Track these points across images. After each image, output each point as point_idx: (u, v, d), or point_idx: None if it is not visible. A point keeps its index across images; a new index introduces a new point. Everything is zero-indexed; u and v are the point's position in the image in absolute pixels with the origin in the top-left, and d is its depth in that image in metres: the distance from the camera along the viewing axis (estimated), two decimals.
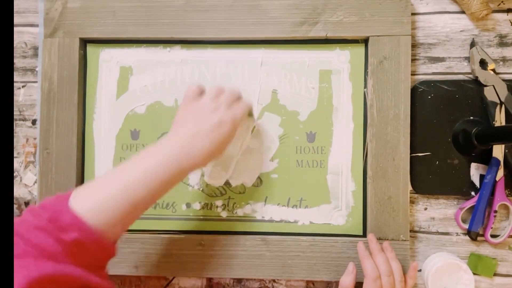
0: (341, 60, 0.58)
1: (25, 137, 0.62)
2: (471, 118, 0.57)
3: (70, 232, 0.38)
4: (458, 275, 0.54)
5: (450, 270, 0.54)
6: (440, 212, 0.58)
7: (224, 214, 0.59)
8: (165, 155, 0.45)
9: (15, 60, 0.62)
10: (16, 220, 0.40)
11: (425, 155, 0.57)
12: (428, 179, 0.57)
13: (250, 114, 0.54)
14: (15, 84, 0.62)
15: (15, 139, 0.62)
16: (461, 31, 0.59)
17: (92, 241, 0.40)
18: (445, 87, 0.57)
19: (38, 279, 0.34)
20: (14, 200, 0.61)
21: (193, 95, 0.50)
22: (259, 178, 0.59)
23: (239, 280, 0.60)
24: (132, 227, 0.57)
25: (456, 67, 0.59)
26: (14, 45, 0.62)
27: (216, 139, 0.47)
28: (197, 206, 0.59)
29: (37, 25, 0.62)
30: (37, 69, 0.62)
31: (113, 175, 0.44)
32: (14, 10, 0.62)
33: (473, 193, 0.57)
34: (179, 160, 0.45)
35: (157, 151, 0.45)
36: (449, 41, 0.59)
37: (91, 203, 0.41)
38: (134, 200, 0.43)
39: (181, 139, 0.46)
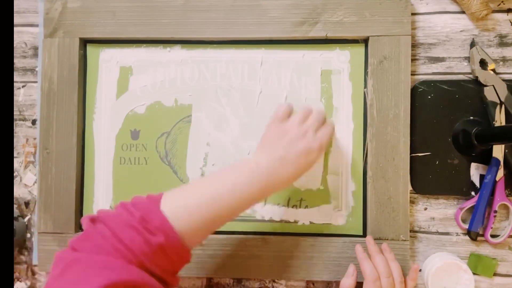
0: (341, 60, 0.59)
1: (25, 137, 0.62)
2: (471, 118, 0.57)
3: (157, 235, 0.39)
4: (458, 275, 0.54)
5: (450, 270, 0.54)
6: (440, 212, 0.58)
7: None
8: (253, 174, 0.45)
9: (15, 60, 0.62)
10: (108, 212, 0.41)
11: (425, 155, 0.57)
12: (428, 179, 0.57)
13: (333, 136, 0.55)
14: (15, 84, 0.62)
15: (15, 139, 0.62)
16: (461, 31, 0.59)
17: (175, 247, 0.40)
18: (445, 87, 0.57)
19: (118, 284, 0.34)
20: (14, 200, 0.61)
21: (282, 116, 0.50)
22: None
23: (239, 280, 0.60)
24: None
25: (456, 67, 0.59)
26: (14, 45, 0.62)
27: (301, 165, 0.47)
28: None
29: (37, 25, 0.62)
30: (37, 69, 0.62)
31: (203, 184, 0.45)
32: (14, 10, 0.62)
33: (473, 193, 0.57)
34: (265, 182, 0.46)
35: (246, 169, 0.46)
36: (449, 41, 0.59)
37: (180, 208, 0.42)
38: (219, 212, 0.44)
39: (268, 162, 0.46)
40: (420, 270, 0.58)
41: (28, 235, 0.61)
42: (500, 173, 0.55)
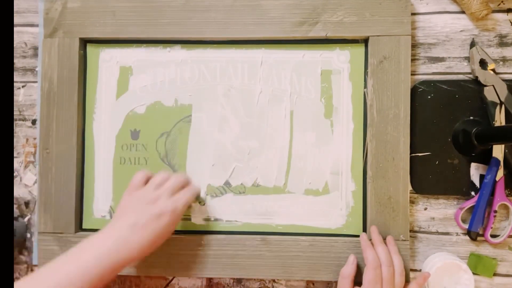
0: (341, 60, 0.59)
1: (25, 137, 0.62)
2: (471, 118, 0.57)
3: None
4: (458, 275, 0.54)
5: (450, 270, 0.54)
6: (440, 212, 0.58)
7: None
8: (98, 249, 0.44)
9: (15, 60, 0.62)
10: None
11: (425, 155, 0.57)
12: (428, 179, 0.57)
13: (199, 199, 0.56)
14: (15, 84, 0.62)
15: (15, 139, 0.62)
16: (461, 31, 0.59)
17: None
18: (445, 87, 0.57)
19: None
20: (14, 200, 0.61)
21: (138, 183, 0.50)
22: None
23: (239, 280, 0.60)
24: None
25: (456, 67, 0.59)
26: (14, 45, 0.62)
27: (154, 230, 0.46)
28: (197, 205, 0.59)
29: (37, 25, 0.62)
30: (37, 69, 0.62)
31: (48, 271, 0.43)
32: (14, 10, 0.62)
33: (473, 193, 0.57)
34: (113, 254, 0.44)
35: (92, 244, 0.45)
36: (449, 41, 0.59)
37: None
38: None
39: (117, 231, 0.46)
40: (420, 270, 0.58)
41: (28, 235, 0.61)
42: (500, 173, 0.55)
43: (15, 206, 0.61)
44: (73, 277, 0.42)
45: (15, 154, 0.62)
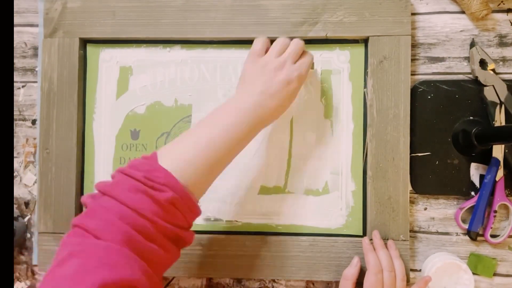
0: (341, 60, 0.59)
1: (25, 137, 0.62)
2: (471, 118, 0.57)
3: (165, 191, 0.39)
4: (458, 275, 0.54)
5: (450, 270, 0.54)
6: (440, 212, 0.58)
7: None
8: (241, 112, 0.46)
9: (15, 60, 0.62)
10: (107, 183, 0.40)
11: (425, 155, 0.57)
12: (428, 179, 0.57)
13: (311, 66, 0.55)
14: (15, 84, 0.62)
15: (15, 139, 0.62)
16: (461, 31, 0.59)
17: (184, 199, 0.40)
18: (445, 87, 0.57)
19: (111, 284, 0.33)
20: (14, 200, 0.61)
21: (259, 50, 0.51)
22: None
23: (239, 280, 0.60)
24: None
25: (456, 67, 0.59)
26: (14, 45, 0.62)
27: (284, 96, 0.48)
28: None
29: (37, 25, 0.62)
30: (37, 69, 0.62)
31: (194, 134, 0.45)
32: (14, 10, 0.62)
33: (473, 193, 0.57)
34: (252, 119, 0.46)
35: (233, 108, 0.46)
36: (449, 41, 0.59)
37: (179, 161, 0.41)
38: (218, 157, 0.44)
39: (252, 97, 0.47)
40: (419, 270, 0.58)
41: (28, 235, 0.61)
42: (500, 173, 0.55)
43: (15, 206, 0.61)
44: (222, 136, 0.44)
45: (15, 154, 0.62)
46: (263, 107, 0.46)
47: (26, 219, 0.61)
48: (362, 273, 0.54)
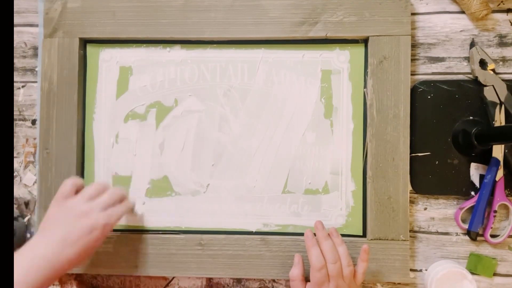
0: (341, 60, 0.59)
1: (25, 137, 0.62)
2: (471, 118, 0.57)
3: None
4: (462, 284, 0.53)
5: (455, 278, 0.53)
6: (440, 212, 0.58)
7: None
8: (32, 264, 0.43)
9: (15, 60, 0.62)
10: None
11: (425, 155, 0.57)
12: (428, 179, 0.57)
13: (132, 214, 0.56)
14: (15, 84, 0.62)
15: (15, 139, 0.62)
16: (461, 31, 0.59)
17: None
18: (445, 87, 0.57)
19: None
20: (14, 200, 0.61)
21: (66, 192, 0.49)
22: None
23: (239, 280, 0.60)
24: (131, 226, 0.57)
25: (456, 67, 0.59)
26: (14, 45, 0.62)
27: (85, 244, 0.46)
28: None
29: (37, 25, 0.62)
30: (37, 69, 0.62)
31: None
32: (14, 10, 0.62)
33: (473, 193, 0.57)
34: (48, 269, 0.43)
35: (25, 262, 0.43)
36: (449, 41, 0.59)
37: None
38: None
39: (47, 247, 0.44)
40: (420, 270, 0.58)
41: (28, 235, 0.61)
42: (500, 173, 0.55)
43: (15, 206, 0.61)
44: (16, 282, 0.41)
45: (15, 154, 0.62)
46: (60, 255, 0.44)
47: (26, 219, 0.61)
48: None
